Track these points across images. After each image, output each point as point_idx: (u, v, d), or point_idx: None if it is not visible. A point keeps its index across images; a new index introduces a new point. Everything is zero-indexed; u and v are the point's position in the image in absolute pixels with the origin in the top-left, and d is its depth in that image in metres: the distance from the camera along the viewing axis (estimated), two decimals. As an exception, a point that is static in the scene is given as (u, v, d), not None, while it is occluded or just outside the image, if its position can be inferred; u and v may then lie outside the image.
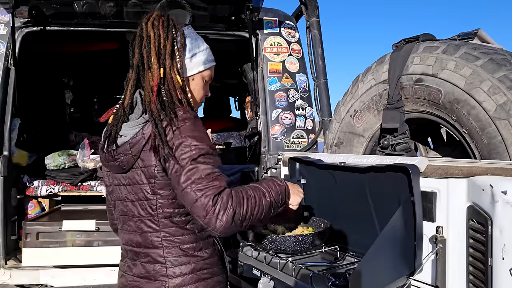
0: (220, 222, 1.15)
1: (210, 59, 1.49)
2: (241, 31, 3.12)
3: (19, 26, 2.85)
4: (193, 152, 1.21)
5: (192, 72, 1.44)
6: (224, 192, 1.18)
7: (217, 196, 1.17)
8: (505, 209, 1.10)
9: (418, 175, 1.31)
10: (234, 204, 1.17)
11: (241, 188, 1.25)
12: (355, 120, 2.34)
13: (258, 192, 1.27)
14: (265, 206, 1.26)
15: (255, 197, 1.24)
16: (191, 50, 1.42)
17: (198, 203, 1.17)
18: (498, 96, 1.68)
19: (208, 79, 1.50)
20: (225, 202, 1.16)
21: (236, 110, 5.90)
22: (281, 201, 1.33)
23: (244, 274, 1.57)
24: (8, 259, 2.71)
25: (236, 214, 1.17)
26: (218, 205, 1.16)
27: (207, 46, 1.49)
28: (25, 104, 3.03)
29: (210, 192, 1.17)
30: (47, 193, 3.02)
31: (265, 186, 1.31)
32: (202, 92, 1.50)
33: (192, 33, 1.45)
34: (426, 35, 2.10)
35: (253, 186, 1.29)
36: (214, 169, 1.22)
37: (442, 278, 1.28)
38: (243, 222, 1.20)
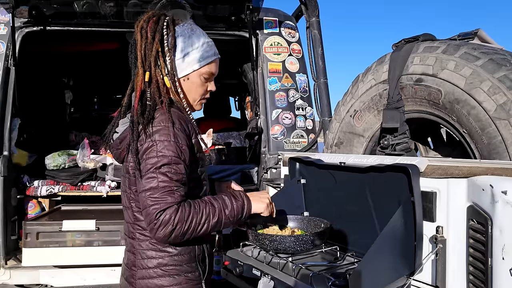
0: (158, 234, 1.24)
1: (207, 55, 1.45)
2: (241, 31, 3.12)
3: (19, 26, 2.85)
4: (157, 160, 1.26)
5: (186, 72, 1.42)
6: (169, 209, 1.23)
7: (162, 212, 1.22)
8: (505, 209, 1.10)
9: (418, 175, 1.31)
10: (175, 222, 1.23)
11: (191, 205, 1.27)
12: (355, 120, 2.34)
13: (208, 209, 1.30)
14: (212, 223, 1.30)
15: (202, 214, 1.28)
16: (183, 50, 1.40)
17: (146, 211, 1.25)
18: (498, 96, 1.68)
19: (208, 76, 1.47)
20: (167, 219, 1.22)
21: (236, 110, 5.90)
22: (238, 215, 1.36)
23: (244, 274, 1.56)
24: (8, 259, 2.71)
25: (175, 230, 1.23)
26: (159, 221, 1.22)
27: (204, 42, 1.45)
28: (25, 104, 3.03)
29: (157, 206, 1.23)
30: (47, 193, 3.02)
31: (220, 202, 1.34)
32: (201, 90, 1.48)
33: (186, 31, 1.42)
34: (426, 35, 2.10)
35: (209, 201, 1.32)
36: (172, 182, 1.25)
37: (442, 278, 1.28)
38: (185, 236, 1.26)
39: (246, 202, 1.39)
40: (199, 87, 1.46)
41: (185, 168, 1.30)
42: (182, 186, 1.28)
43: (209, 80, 1.48)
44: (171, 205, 1.24)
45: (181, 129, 1.32)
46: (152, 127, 1.29)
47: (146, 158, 1.27)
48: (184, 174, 1.29)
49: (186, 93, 1.44)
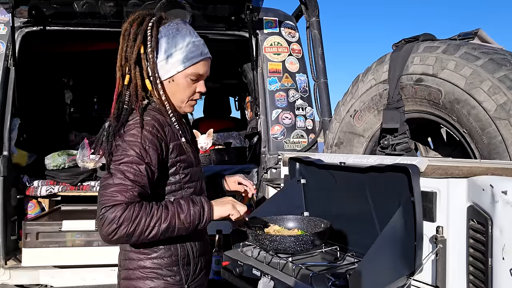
0: (102, 232, 1.20)
1: (192, 55, 1.39)
2: (241, 31, 3.12)
3: (19, 26, 2.85)
4: (119, 158, 1.25)
5: (170, 74, 1.38)
6: (116, 207, 1.19)
7: (108, 208, 1.19)
8: (505, 209, 1.10)
9: (418, 175, 1.31)
10: (120, 221, 1.18)
11: (142, 206, 1.23)
12: (355, 120, 2.34)
13: (161, 212, 1.25)
14: (163, 228, 1.25)
15: (152, 217, 1.23)
16: (166, 51, 1.36)
17: (98, 206, 1.22)
18: (498, 96, 1.68)
19: (196, 77, 1.42)
20: (111, 217, 1.18)
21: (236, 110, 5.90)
22: (195, 221, 1.30)
23: (244, 274, 1.56)
24: (8, 259, 2.71)
25: (119, 230, 1.19)
26: (104, 218, 1.19)
27: (189, 41, 1.39)
28: (25, 104, 3.03)
29: (105, 202, 1.20)
30: (47, 193, 3.02)
31: (175, 206, 1.29)
32: (188, 92, 1.43)
33: (170, 31, 1.37)
34: (426, 35, 2.10)
35: (164, 205, 1.28)
36: (127, 181, 1.22)
37: (442, 278, 1.28)
38: (131, 238, 1.22)
39: (206, 207, 1.33)
40: (186, 89, 1.42)
41: (148, 171, 1.27)
42: (138, 187, 1.24)
43: (197, 81, 1.44)
44: (119, 203, 1.20)
45: (153, 132, 1.30)
46: (124, 129, 1.30)
47: (112, 157, 1.28)
48: (144, 176, 1.25)
49: (171, 95, 1.41)
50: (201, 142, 3.42)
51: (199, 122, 4.80)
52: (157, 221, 1.24)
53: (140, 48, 1.34)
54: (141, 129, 1.28)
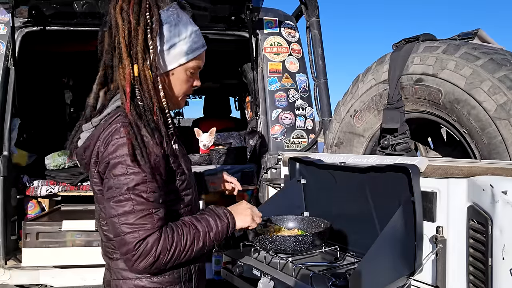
0: (137, 267, 1.10)
1: (195, 47, 1.25)
2: (241, 31, 3.12)
3: (19, 26, 2.85)
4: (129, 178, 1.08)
5: (171, 66, 1.22)
6: (151, 237, 1.08)
7: (142, 241, 1.07)
8: (505, 209, 1.10)
9: (418, 175, 1.31)
10: (158, 252, 1.09)
11: (174, 231, 1.13)
12: (355, 120, 2.34)
13: (193, 233, 1.16)
14: (197, 249, 1.17)
15: (187, 240, 1.15)
16: (169, 40, 1.19)
17: (122, 240, 1.09)
18: (498, 96, 1.68)
19: (195, 70, 1.28)
20: (148, 250, 1.08)
21: (236, 110, 5.90)
22: (223, 236, 1.24)
23: (244, 274, 1.56)
24: (8, 259, 2.71)
25: (158, 261, 1.10)
26: (139, 252, 1.07)
27: (192, 31, 1.24)
28: (25, 104, 3.03)
29: (136, 234, 1.07)
30: (47, 193, 3.02)
31: (205, 225, 1.20)
32: (185, 87, 1.28)
33: (172, 17, 1.21)
34: (426, 35, 2.10)
35: (192, 224, 1.18)
36: (149, 204, 1.09)
37: (442, 278, 1.28)
38: (166, 265, 1.14)
39: (231, 221, 1.26)
40: (184, 83, 1.27)
41: (162, 184, 1.14)
42: (160, 207, 1.12)
43: (194, 74, 1.29)
44: (152, 232, 1.08)
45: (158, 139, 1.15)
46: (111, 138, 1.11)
47: (114, 176, 1.09)
48: (161, 192, 1.13)
49: (169, 90, 1.25)
50: (203, 140, 3.42)
51: (199, 122, 4.80)
52: (191, 244, 1.16)
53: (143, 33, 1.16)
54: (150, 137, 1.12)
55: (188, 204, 1.28)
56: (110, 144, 1.11)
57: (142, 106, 1.15)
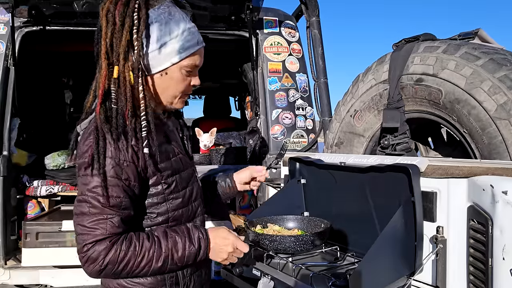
0: (86, 270, 1.10)
1: (189, 45, 1.20)
2: (241, 31, 3.12)
3: (18, 25, 2.85)
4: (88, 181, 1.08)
5: (164, 66, 1.19)
6: (99, 244, 1.06)
7: (90, 246, 1.06)
8: (506, 209, 1.10)
9: (418, 175, 1.30)
10: (104, 262, 1.07)
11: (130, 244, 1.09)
12: (355, 120, 2.34)
13: (153, 251, 1.11)
14: (155, 268, 1.13)
15: (143, 258, 1.10)
16: (159, 39, 1.16)
17: (76, 239, 1.10)
18: (498, 96, 1.68)
19: (191, 69, 1.23)
20: (95, 257, 1.06)
21: (236, 110, 5.90)
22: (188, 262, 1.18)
23: (244, 274, 1.56)
24: (8, 259, 2.71)
25: (105, 270, 1.08)
26: (86, 256, 1.07)
27: (185, 28, 1.20)
28: (25, 104, 3.03)
29: (85, 237, 1.07)
30: (47, 193, 3.02)
31: (170, 245, 1.14)
32: (182, 86, 1.24)
33: (162, 15, 1.17)
34: (427, 34, 2.10)
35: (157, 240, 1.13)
36: (105, 209, 1.07)
37: (443, 278, 1.28)
38: (116, 276, 1.11)
39: (202, 248, 1.19)
40: (180, 83, 1.23)
41: (128, 190, 1.11)
42: (119, 213, 1.09)
43: (192, 73, 1.25)
44: (101, 240, 1.06)
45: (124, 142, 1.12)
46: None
47: (78, 176, 1.11)
48: (124, 197, 1.10)
49: (163, 90, 1.23)
50: (204, 140, 3.42)
51: (199, 122, 4.80)
52: (148, 263, 1.11)
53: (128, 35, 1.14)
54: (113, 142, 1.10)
55: (178, 208, 1.25)
56: (79, 148, 1.14)
57: (115, 109, 1.13)
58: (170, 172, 1.23)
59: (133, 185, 1.13)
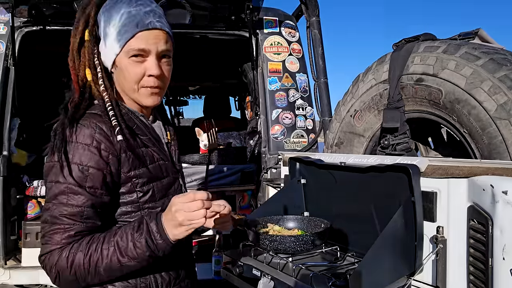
0: (49, 277, 1.08)
1: (125, 29, 1.07)
2: (241, 31, 3.12)
3: (18, 25, 2.85)
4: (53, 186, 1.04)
5: (111, 59, 1.12)
6: (52, 253, 1.05)
7: (46, 254, 1.06)
8: (506, 209, 1.10)
9: (418, 175, 1.30)
10: (56, 270, 1.04)
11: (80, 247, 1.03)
12: (356, 120, 2.34)
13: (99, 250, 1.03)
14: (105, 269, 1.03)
15: (89, 258, 1.02)
16: (103, 31, 1.10)
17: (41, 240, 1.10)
18: (498, 96, 1.68)
19: (137, 53, 1.09)
20: (49, 265, 1.06)
21: (236, 110, 5.90)
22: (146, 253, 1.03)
23: (244, 274, 1.56)
24: (8, 259, 2.71)
25: (60, 278, 1.05)
26: (44, 264, 1.08)
27: (123, 12, 1.08)
28: (24, 104, 3.03)
29: (44, 246, 1.07)
30: (47, 193, 3.02)
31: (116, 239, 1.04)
32: (133, 75, 1.11)
33: (108, 6, 1.10)
34: (427, 34, 2.10)
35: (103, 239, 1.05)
36: (63, 219, 1.02)
37: (443, 278, 1.28)
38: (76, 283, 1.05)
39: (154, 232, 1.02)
40: (131, 72, 1.11)
41: (92, 198, 1.04)
42: (80, 223, 1.03)
43: (142, 61, 1.11)
44: (55, 249, 1.04)
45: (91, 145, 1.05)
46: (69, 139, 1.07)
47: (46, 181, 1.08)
48: (87, 206, 1.03)
49: (121, 85, 1.16)
50: (204, 140, 3.42)
51: (199, 122, 4.80)
52: (97, 262, 1.02)
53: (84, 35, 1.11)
54: (74, 144, 1.04)
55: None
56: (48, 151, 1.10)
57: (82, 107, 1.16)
58: (146, 180, 1.13)
59: (100, 193, 1.05)
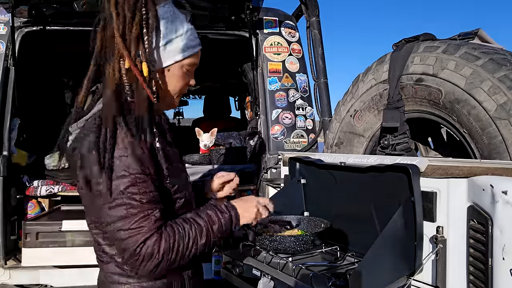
0: (141, 272, 1.09)
1: (192, 44, 1.22)
2: (241, 31, 3.12)
3: (18, 25, 2.85)
4: (119, 182, 1.05)
5: (167, 63, 1.19)
6: (150, 239, 1.06)
7: (142, 245, 1.05)
8: (506, 209, 1.10)
9: (418, 175, 1.31)
10: (160, 253, 1.07)
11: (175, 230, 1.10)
12: (355, 120, 2.34)
13: (195, 229, 1.13)
14: (201, 246, 1.15)
15: (189, 238, 1.12)
16: (165, 36, 1.17)
17: (120, 247, 1.08)
18: (498, 96, 1.68)
19: (191, 68, 1.25)
20: (150, 252, 1.06)
21: (236, 110, 5.90)
22: (227, 230, 1.21)
23: (244, 274, 1.56)
24: (8, 259, 2.71)
25: (162, 262, 1.08)
26: (140, 256, 1.06)
27: (188, 28, 1.22)
28: (25, 104, 3.03)
29: (134, 239, 1.05)
30: (47, 193, 3.01)
31: (206, 220, 1.17)
32: (181, 83, 1.25)
33: (168, 13, 1.19)
34: (427, 34, 2.10)
35: (193, 220, 1.15)
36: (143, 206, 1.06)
37: (442, 278, 1.28)
38: (171, 265, 1.11)
39: (233, 214, 1.23)
40: (180, 81, 1.24)
41: (154, 183, 1.11)
42: (156, 207, 1.09)
43: (190, 72, 1.26)
44: (150, 235, 1.06)
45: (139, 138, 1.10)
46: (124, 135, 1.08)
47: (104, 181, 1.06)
48: (154, 191, 1.10)
49: (163, 87, 1.22)
50: (204, 140, 3.42)
51: (199, 122, 4.80)
52: (194, 241, 1.13)
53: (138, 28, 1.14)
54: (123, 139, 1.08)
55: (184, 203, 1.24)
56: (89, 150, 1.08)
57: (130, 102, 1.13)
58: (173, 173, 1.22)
59: (155, 179, 1.12)
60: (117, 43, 1.12)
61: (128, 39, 1.12)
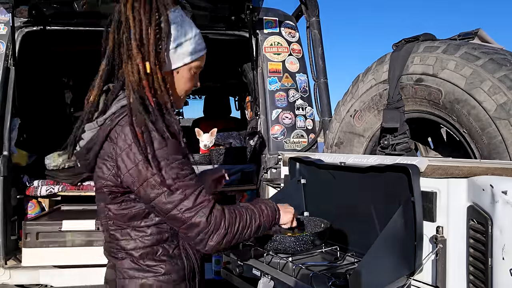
0: (212, 242, 1.13)
1: (199, 48, 1.29)
2: (241, 31, 3.12)
3: (19, 25, 2.85)
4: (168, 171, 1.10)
5: (177, 65, 1.25)
6: (215, 209, 1.13)
7: (210, 215, 1.12)
8: (505, 209, 1.10)
9: (418, 175, 1.31)
10: (227, 224, 1.14)
11: (234, 207, 1.20)
12: (355, 120, 2.34)
13: (249, 212, 1.22)
14: (254, 228, 1.22)
15: (247, 217, 1.20)
16: (176, 39, 1.22)
17: (190, 225, 1.12)
18: (498, 96, 1.68)
19: (197, 70, 1.32)
20: (218, 221, 1.13)
21: (236, 110, 5.90)
22: (272, 222, 1.30)
23: (244, 274, 1.56)
24: (8, 259, 2.71)
25: (228, 234, 1.14)
26: (212, 226, 1.12)
27: (196, 33, 1.28)
28: (25, 104, 3.03)
29: (201, 213, 1.11)
30: (47, 193, 3.02)
31: (257, 207, 1.26)
32: (188, 85, 1.31)
33: (178, 18, 1.23)
34: (427, 35, 2.10)
35: (245, 205, 1.25)
36: (195, 186, 1.13)
37: (442, 278, 1.28)
38: (232, 241, 1.17)
39: (277, 208, 1.32)
40: (187, 83, 1.30)
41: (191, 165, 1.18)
42: (200, 183, 1.16)
43: (196, 74, 1.33)
44: (213, 205, 1.13)
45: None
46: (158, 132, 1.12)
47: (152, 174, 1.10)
48: (194, 173, 1.17)
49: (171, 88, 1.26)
50: (204, 140, 3.42)
51: (199, 122, 4.80)
52: (251, 221, 1.20)
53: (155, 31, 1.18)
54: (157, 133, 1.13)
55: None
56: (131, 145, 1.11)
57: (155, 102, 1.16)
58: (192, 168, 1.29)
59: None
60: (133, 46, 1.15)
61: (146, 44, 1.16)
